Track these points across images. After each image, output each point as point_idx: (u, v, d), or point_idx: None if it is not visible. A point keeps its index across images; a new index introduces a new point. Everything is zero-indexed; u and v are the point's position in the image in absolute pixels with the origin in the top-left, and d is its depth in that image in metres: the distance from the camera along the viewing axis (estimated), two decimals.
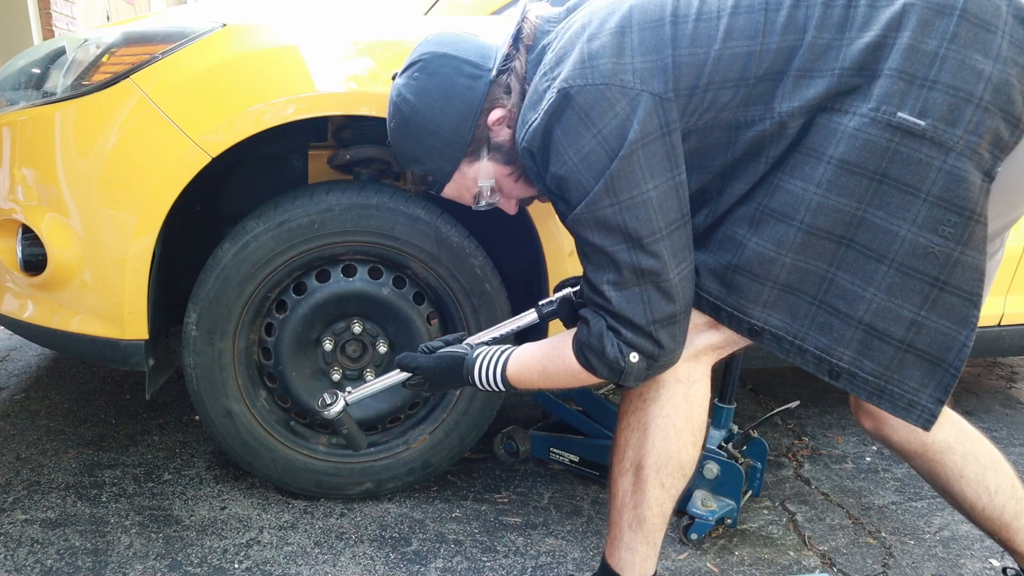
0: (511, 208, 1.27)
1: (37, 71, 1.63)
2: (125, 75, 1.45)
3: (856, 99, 0.98)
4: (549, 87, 1.03)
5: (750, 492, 1.73)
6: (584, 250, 1.08)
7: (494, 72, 1.13)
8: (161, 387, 2.25)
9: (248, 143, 1.47)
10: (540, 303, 1.27)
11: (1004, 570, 1.42)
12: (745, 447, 1.70)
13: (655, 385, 1.15)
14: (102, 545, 1.52)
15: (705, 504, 1.58)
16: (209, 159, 1.44)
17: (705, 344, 1.14)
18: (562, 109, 1.01)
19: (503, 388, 1.21)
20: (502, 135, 1.16)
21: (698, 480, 1.62)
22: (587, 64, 1.01)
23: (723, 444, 1.65)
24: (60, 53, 1.61)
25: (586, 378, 1.12)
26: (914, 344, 1.02)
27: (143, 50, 1.47)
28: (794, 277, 1.03)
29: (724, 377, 1.66)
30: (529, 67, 1.12)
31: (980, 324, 1.04)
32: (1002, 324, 2.00)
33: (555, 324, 1.32)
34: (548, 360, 1.16)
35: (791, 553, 1.59)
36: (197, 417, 2.09)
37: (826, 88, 0.99)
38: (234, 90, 1.45)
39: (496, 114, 1.14)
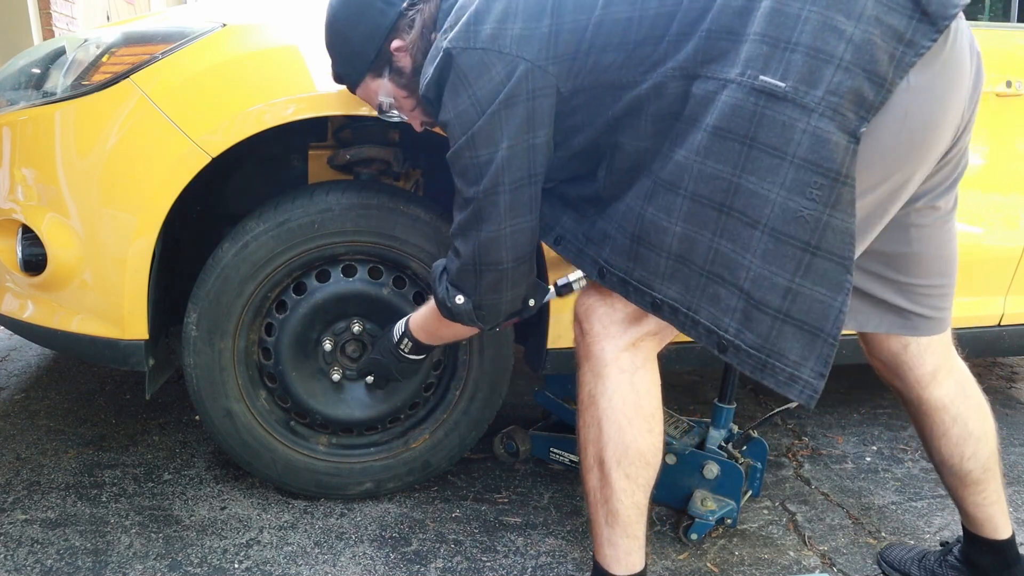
0: (416, 126, 1.36)
1: (37, 71, 1.63)
2: (125, 75, 1.45)
3: (725, 65, 1.00)
4: (439, 44, 1.13)
5: (750, 492, 1.73)
6: (453, 198, 1.19)
7: (404, 5, 1.24)
8: (161, 387, 2.25)
9: (248, 143, 1.47)
10: (557, 280, 1.32)
11: (942, 544, 1.47)
12: (745, 447, 1.70)
13: (601, 380, 1.16)
14: (102, 545, 1.52)
15: (705, 504, 1.58)
16: (209, 159, 1.44)
17: (640, 332, 1.16)
18: (447, 69, 1.10)
19: (411, 344, 1.44)
20: (402, 62, 1.26)
21: (698, 480, 1.62)
22: (471, 27, 1.08)
23: (723, 444, 1.65)
24: (60, 53, 1.60)
25: (449, 323, 1.28)
26: (790, 313, 1.01)
27: (143, 50, 1.47)
28: (685, 247, 1.04)
29: (724, 377, 1.66)
30: (440, 16, 1.21)
31: (980, 324, 1.04)
32: (1002, 324, 2.00)
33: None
34: (429, 309, 1.35)
35: (791, 553, 1.59)
36: (197, 417, 2.09)
37: (694, 49, 1.01)
38: (234, 90, 1.45)
39: (396, 43, 1.25)
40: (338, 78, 1.34)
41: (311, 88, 1.46)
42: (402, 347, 1.45)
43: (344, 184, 1.57)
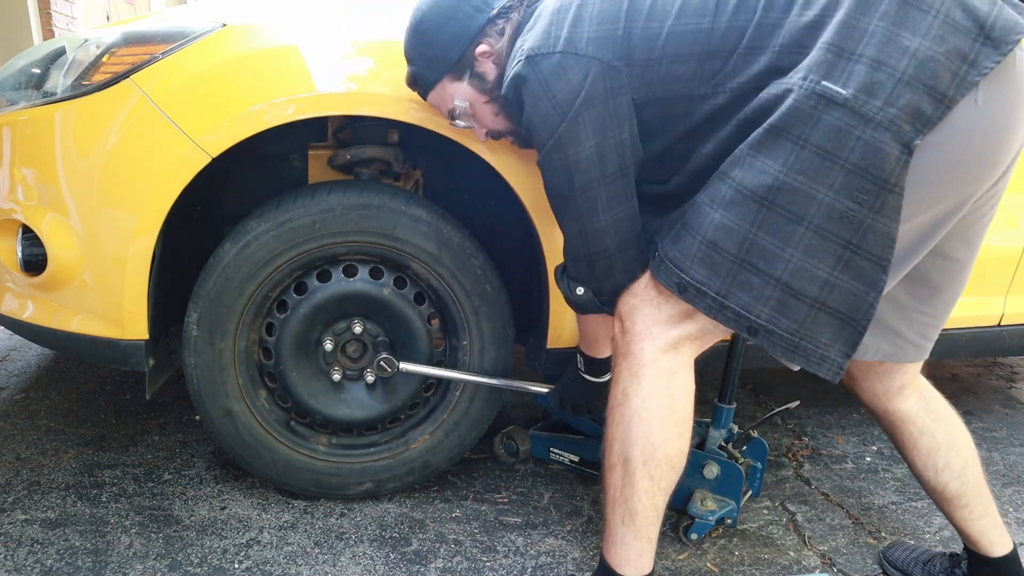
0: (480, 135, 1.39)
1: (37, 71, 1.63)
2: (125, 75, 1.45)
3: (793, 73, 1.03)
4: (521, 48, 1.18)
5: (750, 492, 1.73)
6: (547, 192, 1.24)
7: (494, 12, 1.27)
8: (161, 387, 2.25)
9: (248, 143, 1.47)
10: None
11: (952, 555, 1.46)
12: (745, 447, 1.70)
13: (638, 380, 1.17)
14: (102, 545, 1.52)
15: (705, 504, 1.58)
16: (209, 159, 1.44)
17: (681, 334, 1.16)
18: (527, 73, 1.15)
19: (582, 360, 1.56)
20: (485, 67, 1.28)
21: (698, 480, 1.62)
22: (549, 33, 1.14)
23: (723, 444, 1.65)
24: (60, 53, 1.60)
25: (587, 319, 1.42)
26: (827, 303, 1.06)
27: (143, 50, 1.47)
28: (719, 234, 1.07)
29: (724, 377, 1.66)
30: (523, 21, 1.25)
31: (980, 324, 1.06)
32: (1002, 324, 2.00)
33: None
34: None
35: (791, 553, 1.59)
36: (197, 417, 2.09)
37: (767, 63, 1.06)
38: (234, 90, 1.45)
39: (483, 48, 1.27)
40: (412, 80, 1.35)
41: (311, 88, 1.46)
42: (580, 368, 1.55)
43: (345, 184, 1.57)
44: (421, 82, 1.34)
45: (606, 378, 1.50)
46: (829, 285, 1.05)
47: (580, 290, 1.27)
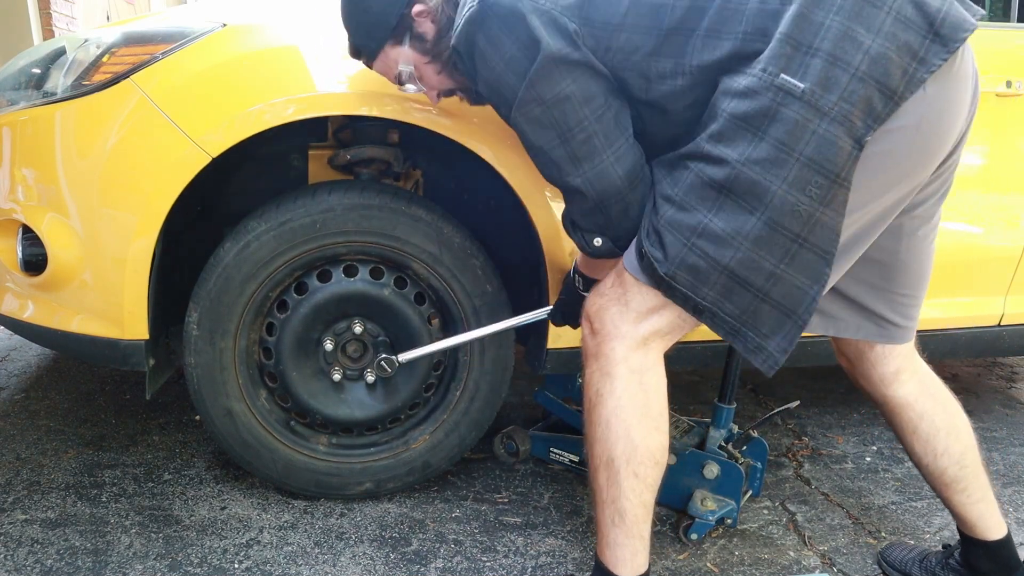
0: (433, 98, 1.34)
1: (37, 71, 1.63)
2: (125, 75, 1.45)
3: (754, 62, 1.04)
4: None
5: (750, 492, 1.73)
6: (530, 152, 1.19)
7: None
8: (161, 387, 2.25)
9: (248, 143, 1.47)
10: None
11: (945, 547, 1.48)
12: (745, 447, 1.70)
13: (610, 379, 1.17)
14: (102, 545, 1.52)
15: (705, 504, 1.58)
16: (209, 159, 1.44)
17: (649, 330, 1.17)
18: (481, 19, 1.10)
19: (581, 280, 1.42)
20: (424, 27, 1.25)
21: (698, 480, 1.62)
22: None
23: (723, 444, 1.65)
24: (60, 53, 1.60)
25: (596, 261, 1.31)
26: (770, 295, 1.08)
27: (143, 50, 1.47)
28: (678, 217, 1.09)
29: (724, 377, 1.66)
30: None
31: (980, 324, 1.07)
32: (1002, 324, 2.00)
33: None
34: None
35: (791, 553, 1.59)
36: (197, 417, 2.09)
37: (731, 50, 1.06)
38: (234, 90, 1.45)
39: (419, 7, 1.23)
40: (355, 51, 1.32)
41: (311, 88, 1.46)
42: (577, 284, 1.44)
43: (346, 184, 1.57)
44: (364, 51, 1.30)
45: None
46: (774, 277, 1.06)
47: (598, 240, 1.22)
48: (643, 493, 1.18)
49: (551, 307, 1.56)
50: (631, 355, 1.17)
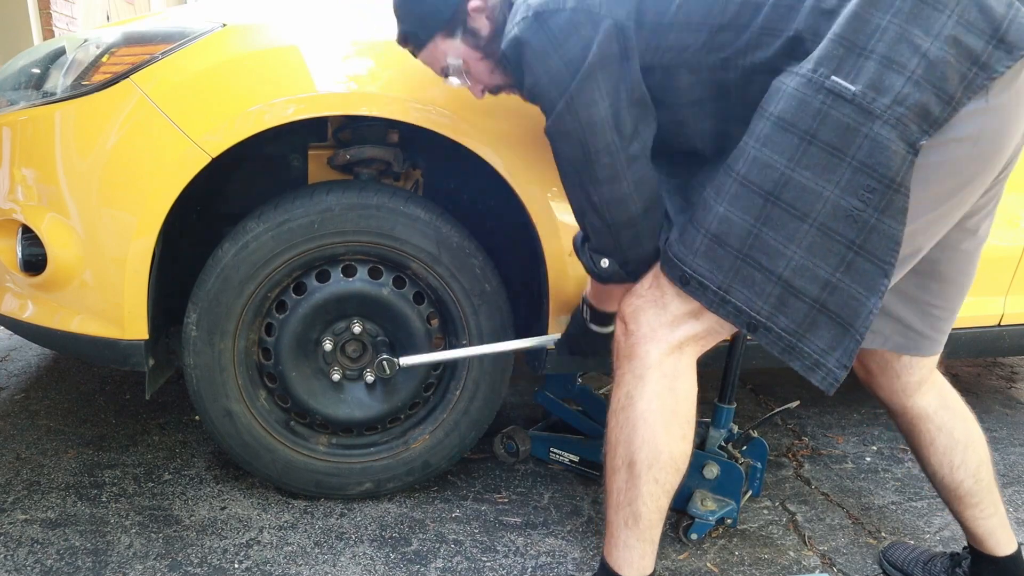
0: (477, 92, 1.33)
1: (37, 71, 1.63)
2: (125, 75, 1.45)
3: (805, 61, 1.02)
4: (527, 3, 1.11)
5: (750, 492, 1.73)
6: (557, 163, 1.18)
7: None
8: (161, 387, 2.25)
9: (248, 143, 1.46)
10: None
11: (952, 555, 1.46)
12: (745, 447, 1.70)
13: (642, 383, 1.16)
14: (102, 545, 1.52)
15: (705, 504, 1.58)
16: (209, 159, 1.44)
17: (685, 335, 1.16)
18: (533, 30, 1.09)
19: (589, 311, 1.41)
20: (479, 22, 1.24)
21: (698, 480, 1.62)
22: None
23: (723, 444, 1.65)
24: (60, 53, 1.60)
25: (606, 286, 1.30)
26: (827, 305, 1.05)
27: (143, 50, 1.47)
28: (723, 228, 1.07)
29: (724, 377, 1.66)
30: None
31: (980, 324, 1.06)
32: (1002, 324, 2.00)
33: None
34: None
35: (791, 553, 1.59)
36: (197, 417, 2.09)
37: (782, 48, 1.04)
38: (234, 90, 1.45)
39: (475, 3, 1.22)
40: (403, 39, 1.31)
41: (311, 88, 1.46)
42: (585, 316, 1.44)
43: (344, 184, 1.57)
44: (413, 40, 1.29)
45: (610, 329, 1.44)
46: (830, 286, 1.03)
47: (605, 262, 1.21)
48: (660, 498, 1.18)
49: (557, 336, 1.56)
50: (665, 359, 1.15)
